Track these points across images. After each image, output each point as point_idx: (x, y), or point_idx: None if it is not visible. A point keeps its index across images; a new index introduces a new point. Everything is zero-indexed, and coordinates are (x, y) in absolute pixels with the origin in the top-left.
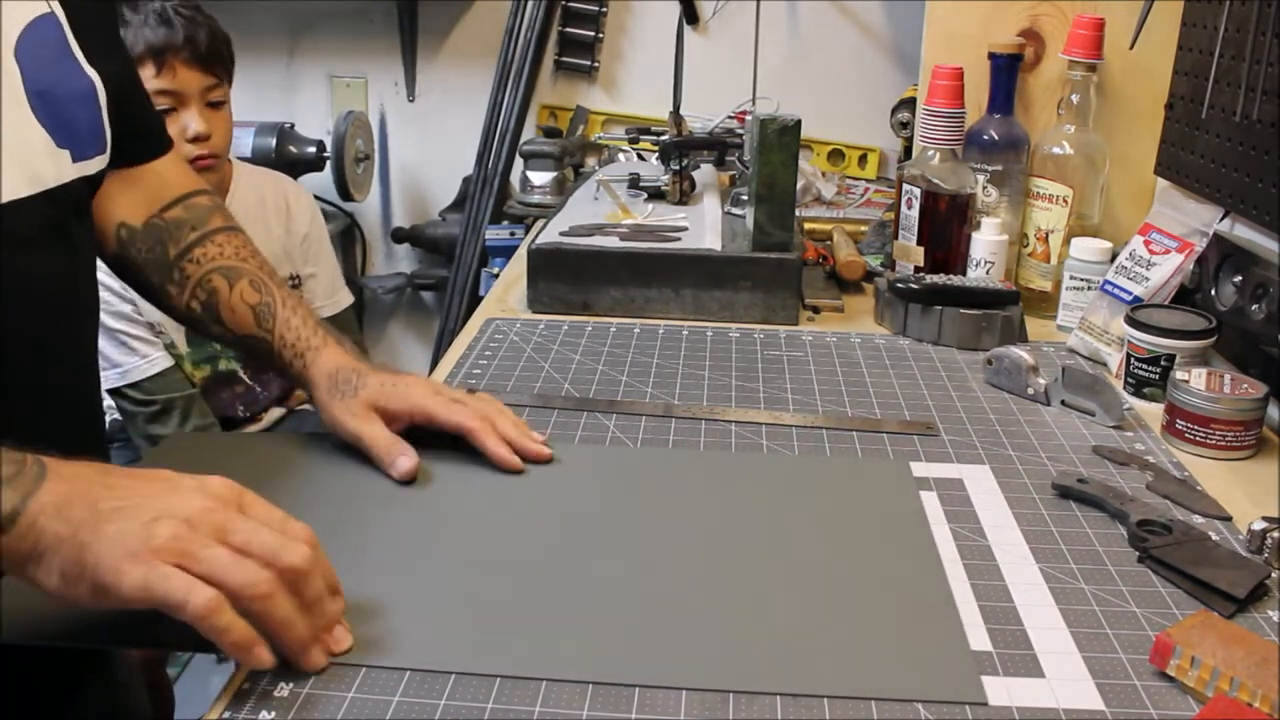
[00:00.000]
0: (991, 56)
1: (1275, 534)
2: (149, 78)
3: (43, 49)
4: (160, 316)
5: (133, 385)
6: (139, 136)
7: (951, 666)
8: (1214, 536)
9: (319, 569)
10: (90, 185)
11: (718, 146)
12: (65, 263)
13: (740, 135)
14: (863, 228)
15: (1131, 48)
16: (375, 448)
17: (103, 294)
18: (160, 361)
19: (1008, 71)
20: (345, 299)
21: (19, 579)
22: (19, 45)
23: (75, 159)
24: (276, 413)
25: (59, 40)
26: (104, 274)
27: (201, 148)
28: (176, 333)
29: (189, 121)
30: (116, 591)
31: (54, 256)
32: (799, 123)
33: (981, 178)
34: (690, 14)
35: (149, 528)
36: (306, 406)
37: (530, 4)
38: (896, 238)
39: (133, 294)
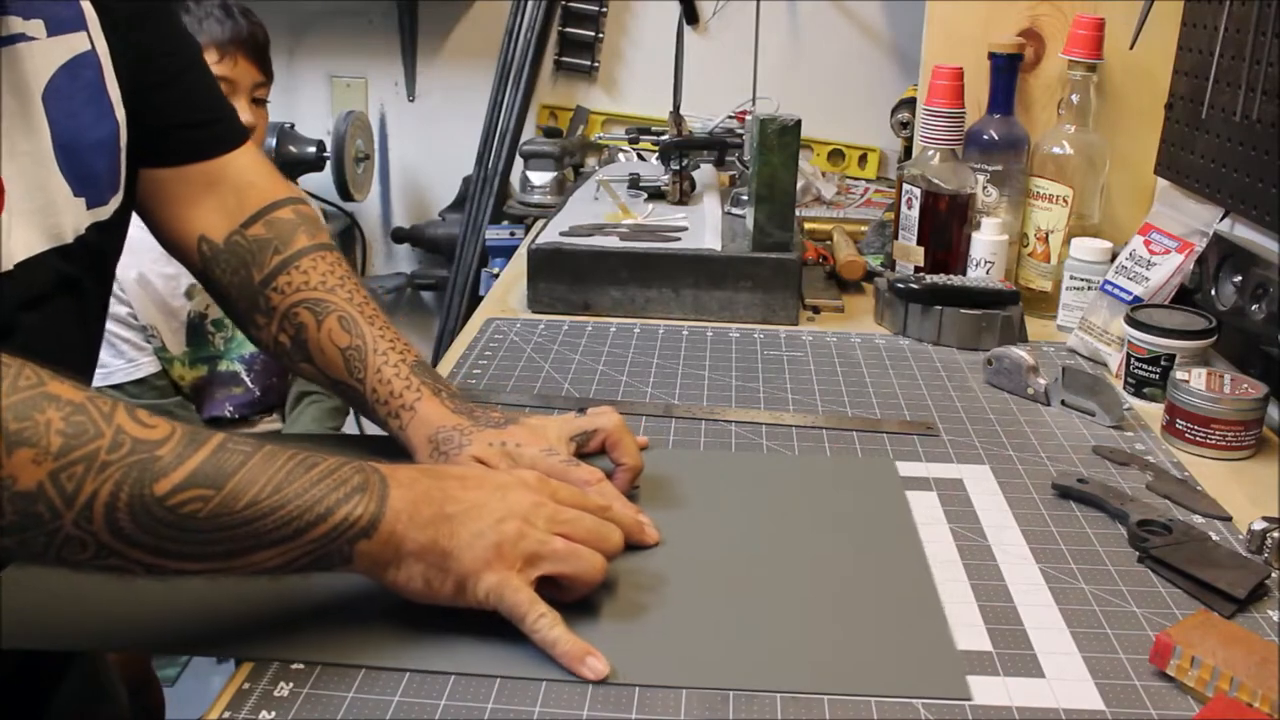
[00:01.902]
0: (991, 56)
1: (1275, 534)
2: (211, 63)
3: (74, 93)
4: (152, 319)
5: (115, 387)
6: (212, 125)
7: (937, 663)
8: (1214, 536)
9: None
10: (101, 231)
11: (718, 146)
12: (72, 317)
13: (740, 135)
14: (863, 228)
15: (1131, 48)
16: None
17: None
18: (146, 367)
19: (1008, 71)
20: None
21: (375, 582)
22: (49, 91)
23: (90, 205)
24: (274, 423)
25: (93, 80)
26: None
27: None
28: (173, 334)
29: (239, 111)
30: (473, 593)
31: (61, 311)
32: (799, 123)
33: (981, 178)
34: (690, 14)
35: (498, 529)
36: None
37: (530, 4)
38: (896, 238)
39: (129, 296)
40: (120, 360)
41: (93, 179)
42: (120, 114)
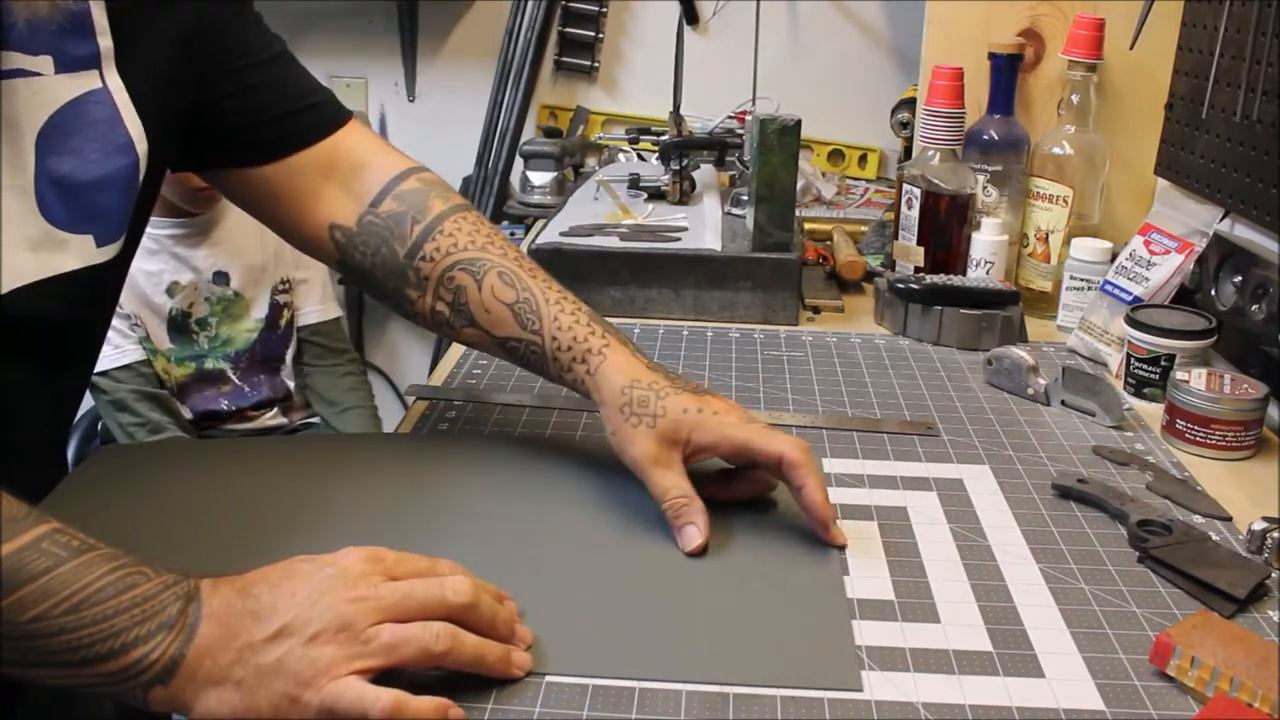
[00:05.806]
0: (991, 56)
1: (1275, 534)
2: None
3: (79, 129)
4: (135, 309)
5: (101, 373)
6: (309, 110)
7: (833, 656)
8: (1214, 536)
9: (480, 590)
10: (106, 267)
11: (718, 146)
12: (68, 345)
13: (740, 135)
14: (863, 228)
15: (1131, 48)
16: (665, 500)
17: None
18: (131, 354)
19: (1008, 71)
20: (334, 311)
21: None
22: (49, 127)
23: (100, 242)
24: (273, 419)
25: (105, 116)
26: None
27: None
28: (156, 328)
29: None
30: (304, 713)
31: (56, 339)
32: (799, 123)
33: (981, 178)
34: (690, 14)
35: (310, 650)
36: (314, 420)
37: (530, 4)
38: (896, 238)
39: None
40: (105, 347)
41: (98, 215)
42: (142, 148)
